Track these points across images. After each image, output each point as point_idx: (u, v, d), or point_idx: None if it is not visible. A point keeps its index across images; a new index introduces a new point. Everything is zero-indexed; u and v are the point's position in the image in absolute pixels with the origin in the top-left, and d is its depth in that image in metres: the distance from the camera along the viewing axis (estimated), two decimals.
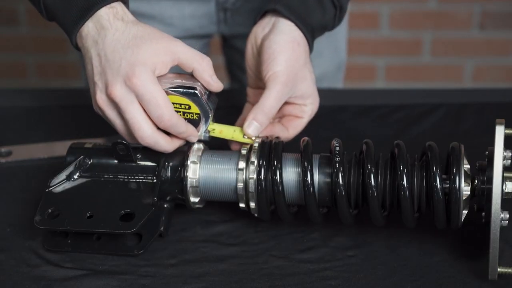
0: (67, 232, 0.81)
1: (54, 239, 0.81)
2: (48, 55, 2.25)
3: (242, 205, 0.81)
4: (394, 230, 0.82)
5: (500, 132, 0.74)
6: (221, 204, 0.85)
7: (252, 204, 0.80)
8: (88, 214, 0.80)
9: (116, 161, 0.84)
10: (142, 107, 0.79)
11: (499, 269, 0.74)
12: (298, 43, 0.87)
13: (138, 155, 0.83)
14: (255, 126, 0.84)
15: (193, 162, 0.82)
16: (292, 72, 0.85)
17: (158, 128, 0.80)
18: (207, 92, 0.82)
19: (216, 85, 0.82)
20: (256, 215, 0.82)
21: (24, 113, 1.06)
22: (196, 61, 0.81)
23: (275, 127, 0.87)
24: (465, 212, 0.77)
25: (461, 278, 0.77)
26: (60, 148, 0.93)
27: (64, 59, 2.25)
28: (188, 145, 0.83)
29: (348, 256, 0.80)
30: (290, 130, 0.88)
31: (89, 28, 0.81)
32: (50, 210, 0.80)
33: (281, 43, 0.86)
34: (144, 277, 0.78)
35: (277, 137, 0.83)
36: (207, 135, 0.84)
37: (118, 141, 0.82)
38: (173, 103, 0.80)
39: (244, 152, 0.81)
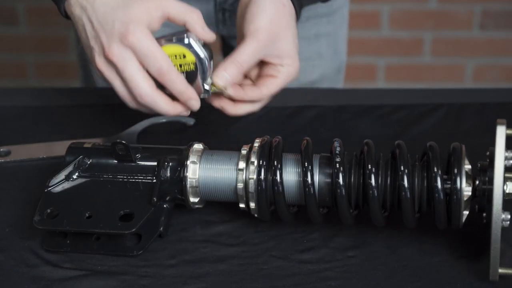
0: (66, 232, 0.80)
1: (53, 239, 0.81)
2: (48, 54, 2.25)
3: (242, 205, 0.81)
4: (395, 231, 0.82)
5: (501, 132, 0.74)
6: (221, 204, 0.85)
7: (252, 205, 0.80)
8: (87, 214, 0.79)
9: (115, 161, 0.83)
10: (141, 65, 0.81)
11: (500, 270, 0.74)
12: (284, 4, 0.88)
13: (137, 155, 0.82)
14: (224, 77, 0.85)
15: (193, 162, 0.81)
16: (273, 31, 0.86)
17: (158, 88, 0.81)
18: (201, 42, 0.84)
19: (209, 35, 0.84)
20: (256, 215, 0.81)
21: (24, 112, 1.06)
22: (187, 15, 0.83)
23: (247, 88, 0.88)
24: (466, 212, 0.77)
25: (462, 279, 0.77)
26: (59, 148, 0.93)
27: (64, 58, 2.25)
28: (188, 145, 0.83)
29: (349, 257, 0.80)
30: (262, 88, 0.89)
31: None
32: (49, 210, 0.80)
33: (266, 3, 0.87)
34: (144, 277, 0.78)
35: (277, 137, 0.83)
36: (209, 91, 0.85)
37: (118, 141, 0.82)
38: (169, 55, 0.82)
39: (244, 152, 0.81)
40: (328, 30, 1.19)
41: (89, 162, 0.84)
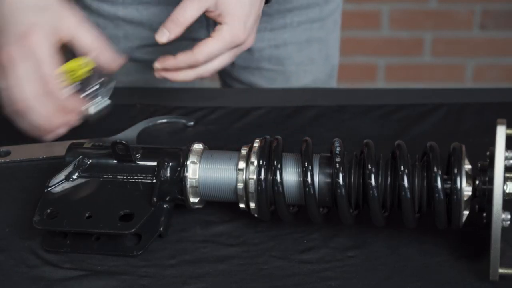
0: (66, 232, 0.80)
1: (53, 240, 0.81)
2: None
3: (242, 205, 0.81)
4: (395, 231, 0.82)
5: (501, 132, 0.74)
6: (221, 205, 0.85)
7: (252, 205, 0.80)
8: (87, 215, 0.79)
9: (115, 161, 0.83)
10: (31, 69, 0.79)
11: (500, 270, 0.74)
12: None
13: (137, 155, 0.82)
14: (164, 33, 0.85)
15: (193, 162, 0.81)
16: None
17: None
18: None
19: (115, 64, 0.85)
20: (256, 215, 0.81)
21: None
22: (92, 50, 0.83)
23: (179, 54, 0.88)
24: (466, 212, 0.76)
25: (462, 279, 0.76)
26: (59, 148, 0.93)
27: None
28: (188, 145, 0.83)
29: (348, 257, 0.80)
30: (195, 50, 0.87)
31: None
32: (49, 211, 0.80)
33: None
34: (144, 277, 0.77)
35: (277, 137, 0.83)
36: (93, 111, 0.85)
37: (118, 141, 0.82)
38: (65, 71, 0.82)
39: (244, 152, 0.81)
40: (320, 35, 1.19)
41: (89, 162, 0.83)
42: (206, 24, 1.13)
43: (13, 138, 0.95)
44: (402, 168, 0.76)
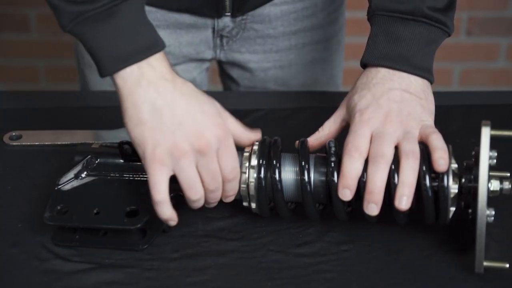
0: (75, 228, 0.80)
1: (63, 235, 0.81)
2: (58, 59, 2.25)
3: (245, 203, 0.81)
4: (386, 226, 0.82)
5: (486, 133, 0.74)
6: (222, 201, 0.85)
7: (253, 204, 0.80)
8: (95, 211, 0.79)
9: (122, 161, 0.84)
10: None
11: (485, 263, 0.74)
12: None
13: None
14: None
15: None
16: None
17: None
18: None
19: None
20: (256, 211, 0.81)
21: (36, 114, 1.05)
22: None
23: None
24: (453, 209, 0.77)
25: (449, 271, 0.77)
26: (66, 136, 0.97)
27: (73, 63, 2.24)
28: None
29: (343, 251, 0.80)
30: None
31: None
32: (59, 207, 0.80)
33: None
34: (149, 270, 0.78)
35: (276, 138, 0.83)
36: None
37: (124, 141, 0.82)
38: None
39: (246, 154, 0.80)
40: (324, 56, 1.17)
41: (97, 162, 0.84)
42: (213, 46, 1.12)
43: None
44: (393, 167, 0.76)
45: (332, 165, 0.77)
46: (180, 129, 0.75)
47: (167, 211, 0.77)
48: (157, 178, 0.75)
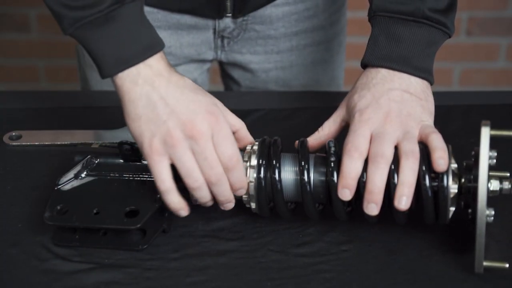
0: (75, 227, 0.80)
1: (63, 235, 0.81)
2: (58, 59, 2.25)
3: (245, 202, 0.81)
4: (386, 226, 0.82)
5: (485, 133, 0.74)
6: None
7: (253, 204, 0.80)
8: (95, 211, 0.79)
9: (121, 161, 0.84)
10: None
11: (484, 263, 0.74)
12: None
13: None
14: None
15: None
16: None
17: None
18: None
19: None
20: (256, 211, 0.81)
21: (36, 114, 1.05)
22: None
23: None
24: (452, 209, 0.77)
25: (449, 271, 0.77)
26: (65, 136, 0.97)
27: (73, 63, 2.24)
28: None
29: (342, 251, 0.80)
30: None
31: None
32: (59, 207, 0.80)
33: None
34: (149, 270, 0.78)
35: (276, 138, 0.83)
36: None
37: (124, 141, 0.82)
38: None
39: (246, 154, 0.80)
40: (325, 57, 1.17)
41: (96, 162, 0.84)
42: (214, 47, 1.12)
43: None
44: (393, 167, 0.76)
45: (332, 165, 0.77)
46: (172, 117, 0.76)
47: (175, 199, 0.77)
48: (158, 169, 0.76)
